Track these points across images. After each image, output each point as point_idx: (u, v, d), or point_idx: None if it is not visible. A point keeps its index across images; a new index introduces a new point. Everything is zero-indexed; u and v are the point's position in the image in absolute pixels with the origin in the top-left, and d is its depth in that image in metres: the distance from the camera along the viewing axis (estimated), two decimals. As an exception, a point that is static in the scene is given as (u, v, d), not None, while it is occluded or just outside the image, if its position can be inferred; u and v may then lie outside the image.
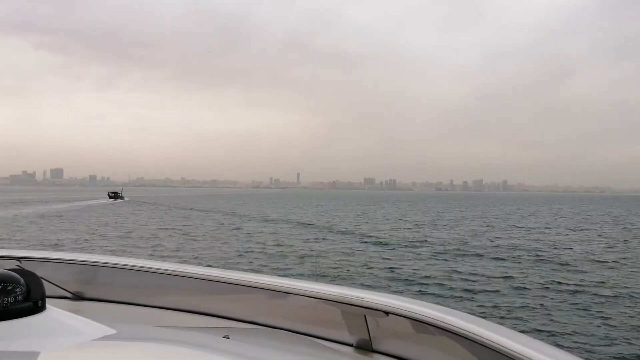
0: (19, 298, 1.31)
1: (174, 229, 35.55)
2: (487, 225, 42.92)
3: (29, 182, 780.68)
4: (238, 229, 36.32)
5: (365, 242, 28.75)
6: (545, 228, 40.80)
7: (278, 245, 26.38)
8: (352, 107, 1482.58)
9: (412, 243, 28.07)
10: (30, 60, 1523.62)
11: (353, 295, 1.61)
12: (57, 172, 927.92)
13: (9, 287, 1.30)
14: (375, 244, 27.85)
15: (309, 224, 42.49)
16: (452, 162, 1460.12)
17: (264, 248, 24.96)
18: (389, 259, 22.07)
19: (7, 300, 1.29)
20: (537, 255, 23.60)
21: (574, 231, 38.00)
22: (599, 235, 34.48)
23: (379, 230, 36.62)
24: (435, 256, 22.92)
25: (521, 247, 26.37)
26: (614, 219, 55.18)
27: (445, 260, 21.77)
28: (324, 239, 30.13)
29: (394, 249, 25.63)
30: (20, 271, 1.39)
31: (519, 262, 21.37)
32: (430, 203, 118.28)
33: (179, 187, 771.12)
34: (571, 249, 26.25)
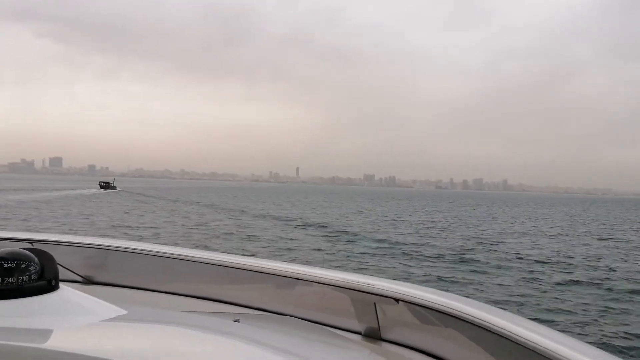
0: (33, 277, 1.32)
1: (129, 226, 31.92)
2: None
3: (27, 171, 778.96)
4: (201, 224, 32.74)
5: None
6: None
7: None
8: (353, 103, 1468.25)
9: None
10: (31, 49, 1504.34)
11: (363, 282, 1.62)
12: (56, 161, 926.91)
13: (23, 266, 1.31)
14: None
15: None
16: (453, 160, 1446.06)
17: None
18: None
19: (22, 279, 1.30)
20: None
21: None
22: None
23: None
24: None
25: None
26: None
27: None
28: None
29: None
30: (34, 250, 1.40)
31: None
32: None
33: (178, 179, 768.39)
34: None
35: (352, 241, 25.98)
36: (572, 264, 20.19)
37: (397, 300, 1.54)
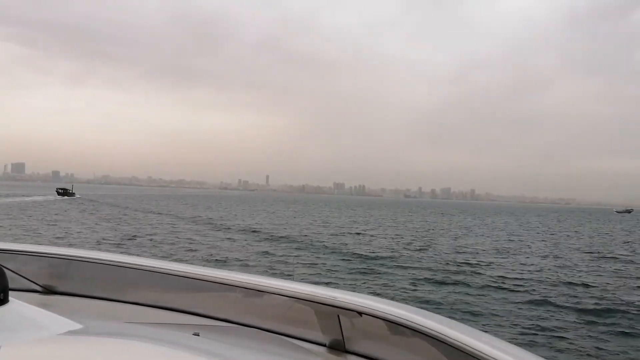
0: None
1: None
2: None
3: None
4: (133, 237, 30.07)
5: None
6: None
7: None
8: (324, 111, 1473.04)
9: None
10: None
11: (326, 295, 1.62)
12: (18, 167, 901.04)
13: None
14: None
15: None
16: (421, 170, 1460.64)
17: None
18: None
19: None
20: None
21: None
22: None
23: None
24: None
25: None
26: None
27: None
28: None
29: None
30: None
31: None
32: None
33: (145, 186, 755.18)
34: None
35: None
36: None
37: (360, 313, 1.53)
